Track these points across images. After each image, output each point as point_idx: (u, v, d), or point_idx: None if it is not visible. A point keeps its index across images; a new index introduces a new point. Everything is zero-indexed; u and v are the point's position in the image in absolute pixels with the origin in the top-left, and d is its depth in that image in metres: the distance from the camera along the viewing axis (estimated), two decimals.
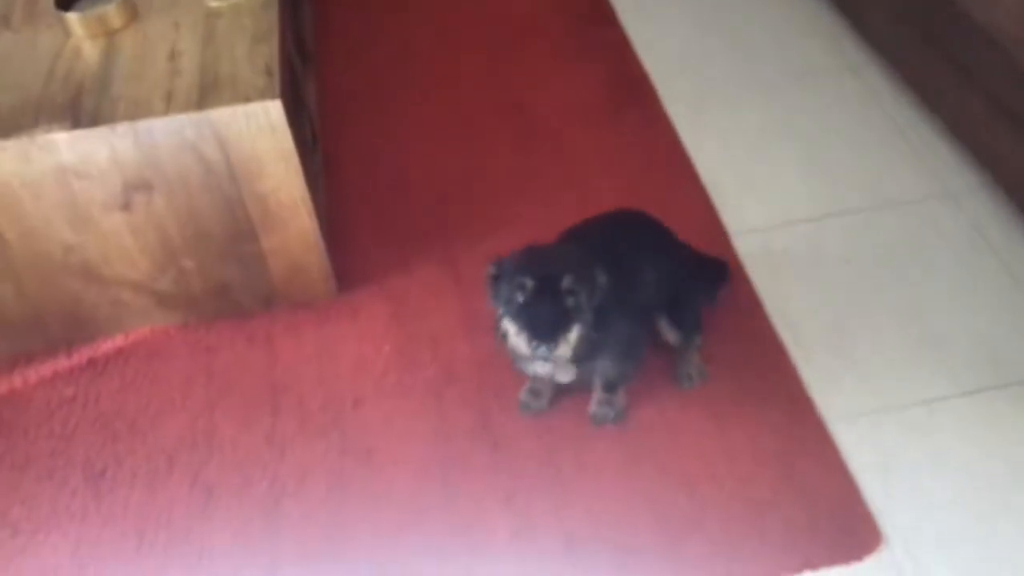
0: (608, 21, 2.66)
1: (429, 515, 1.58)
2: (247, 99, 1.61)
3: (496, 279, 1.47)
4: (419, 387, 1.78)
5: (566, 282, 1.40)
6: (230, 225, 1.74)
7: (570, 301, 1.41)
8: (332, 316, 1.90)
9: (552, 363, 1.48)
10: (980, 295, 1.88)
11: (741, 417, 1.70)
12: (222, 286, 1.84)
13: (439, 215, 2.13)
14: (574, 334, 1.43)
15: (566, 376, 1.57)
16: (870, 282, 1.93)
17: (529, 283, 1.41)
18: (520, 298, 1.42)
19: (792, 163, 2.20)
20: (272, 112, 1.62)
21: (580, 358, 1.49)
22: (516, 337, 1.44)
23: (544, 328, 1.40)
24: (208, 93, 1.63)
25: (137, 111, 1.60)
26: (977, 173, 2.11)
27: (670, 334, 1.72)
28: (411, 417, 1.73)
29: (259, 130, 1.63)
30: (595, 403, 1.69)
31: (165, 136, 1.60)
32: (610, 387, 1.66)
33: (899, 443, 1.65)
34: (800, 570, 1.48)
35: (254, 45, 1.73)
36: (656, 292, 1.67)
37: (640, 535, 1.54)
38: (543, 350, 1.39)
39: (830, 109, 2.34)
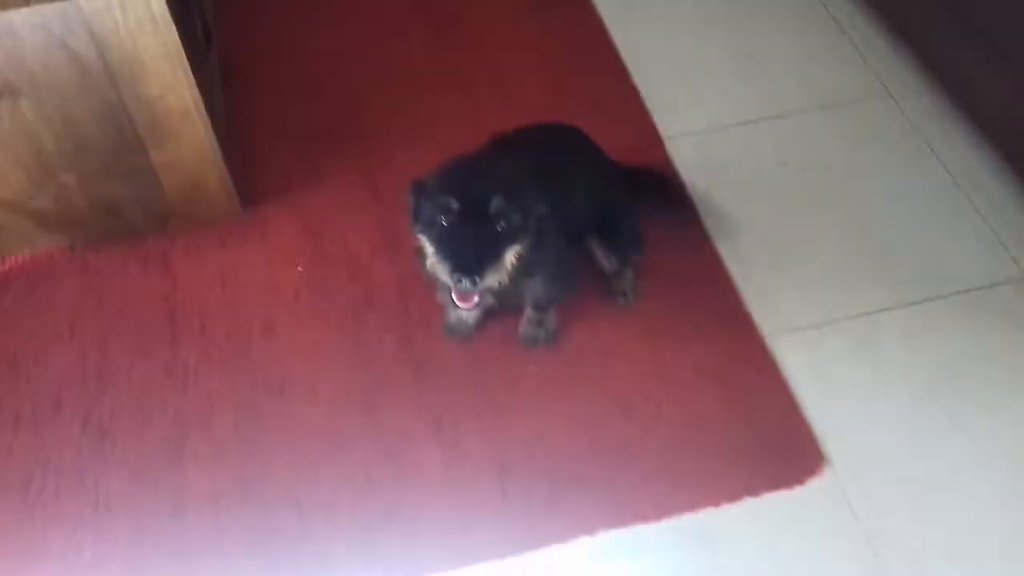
0: None
1: (350, 447, 1.47)
2: None
3: (417, 197, 1.32)
4: (336, 310, 1.64)
5: (496, 205, 1.25)
6: (113, 135, 1.54)
7: (501, 225, 1.27)
8: (236, 236, 1.73)
9: (476, 297, 1.33)
10: (921, 200, 1.82)
11: (678, 335, 1.62)
12: (110, 204, 1.65)
13: (353, 120, 1.95)
14: (506, 260, 1.30)
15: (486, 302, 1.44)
16: (809, 187, 1.84)
17: (454, 205, 1.26)
18: (444, 221, 1.27)
19: (728, 63, 2.08)
20: (152, 2, 1.41)
21: (510, 280, 1.37)
22: (438, 265, 1.29)
23: (469, 258, 1.25)
24: None
25: None
26: (919, 73, 2.03)
27: (604, 259, 1.61)
28: (328, 343, 1.59)
29: (138, 23, 1.42)
30: (525, 323, 1.58)
31: (28, 31, 1.39)
32: (540, 307, 1.55)
33: (841, 357, 1.59)
34: (740, 496, 1.43)
35: None
36: (588, 212, 1.55)
37: (576, 462, 1.45)
38: (466, 283, 1.25)
39: (768, 5, 2.21)
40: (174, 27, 1.44)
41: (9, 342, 1.58)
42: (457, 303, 1.33)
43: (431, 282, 1.39)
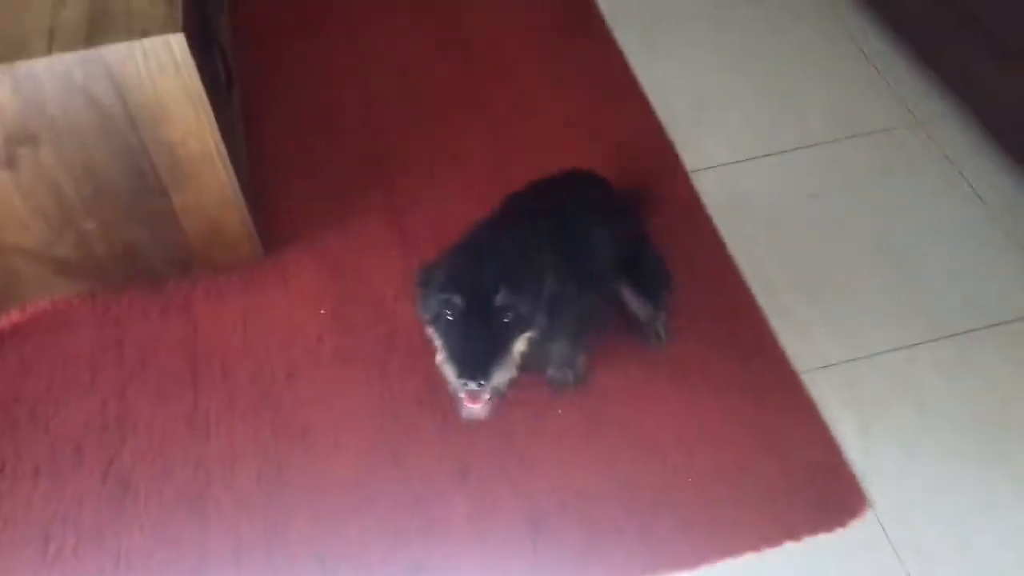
0: None
1: (376, 499, 1.42)
2: (144, 33, 1.38)
3: (424, 288, 1.28)
4: (360, 354, 1.60)
5: (501, 299, 1.20)
6: (135, 180, 1.53)
7: (507, 317, 1.22)
8: (258, 279, 1.70)
9: (486, 395, 1.26)
10: (954, 229, 1.77)
11: (709, 374, 1.57)
12: (130, 249, 1.63)
13: (376, 160, 1.93)
14: (515, 351, 1.25)
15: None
16: (839, 218, 1.80)
17: (458, 301, 1.21)
18: (449, 315, 1.22)
19: (751, 92, 2.05)
20: (174, 47, 1.40)
21: (529, 354, 1.32)
22: (445, 364, 1.24)
23: (475, 359, 1.19)
24: (98, 27, 1.40)
25: (14, 52, 1.37)
26: (945, 99, 1.99)
27: (638, 306, 1.56)
28: (352, 388, 1.56)
29: (160, 68, 1.41)
30: (554, 368, 1.54)
31: (50, 79, 1.38)
32: (566, 364, 1.51)
33: (879, 393, 1.54)
34: (781, 541, 1.37)
35: None
36: (612, 260, 1.50)
37: (608, 511, 1.41)
38: (472, 386, 1.20)
39: (788, 33, 2.18)
40: (196, 71, 1.43)
41: (29, 391, 1.56)
42: (465, 403, 1.27)
43: (444, 374, 1.32)
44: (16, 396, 1.55)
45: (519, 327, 1.24)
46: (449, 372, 1.23)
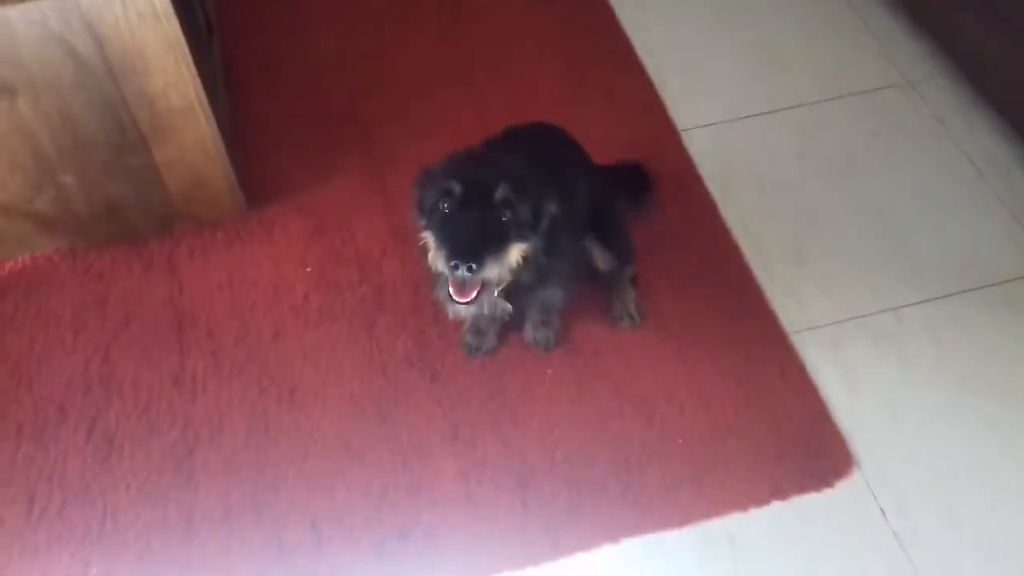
0: None
1: (364, 458, 1.42)
2: None
3: (423, 187, 1.24)
4: (346, 313, 1.59)
5: (501, 192, 1.18)
6: (114, 133, 1.48)
7: (506, 215, 1.19)
8: (243, 236, 1.68)
9: (474, 292, 1.22)
10: (942, 191, 1.77)
11: (699, 334, 1.57)
12: (112, 206, 1.59)
13: (359, 115, 1.89)
14: (510, 255, 1.22)
15: (494, 310, 1.34)
16: (829, 179, 1.79)
17: (456, 188, 1.18)
18: (445, 207, 1.18)
19: (742, 52, 2.02)
20: None
21: (531, 285, 1.31)
22: (437, 255, 1.19)
23: (467, 244, 1.15)
24: None
25: None
26: (937, 60, 1.97)
27: (601, 258, 1.53)
28: (339, 347, 1.54)
29: (139, 17, 1.36)
30: (532, 327, 1.53)
31: (24, 27, 1.33)
32: (547, 312, 1.49)
33: (867, 355, 1.55)
34: (768, 500, 1.39)
35: None
36: (586, 212, 1.48)
37: (597, 469, 1.41)
38: (462, 271, 1.15)
39: None
40: (176, 19, 1.38)
41: (10, 349, 1.53)
42: (453, 296, 1.23)
43: (432, 281, 1.32)
44: None
45: (516, 231, 1.20)
46: (440, 260, 1.18)
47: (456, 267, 1.15)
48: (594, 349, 1.55)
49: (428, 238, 1.23)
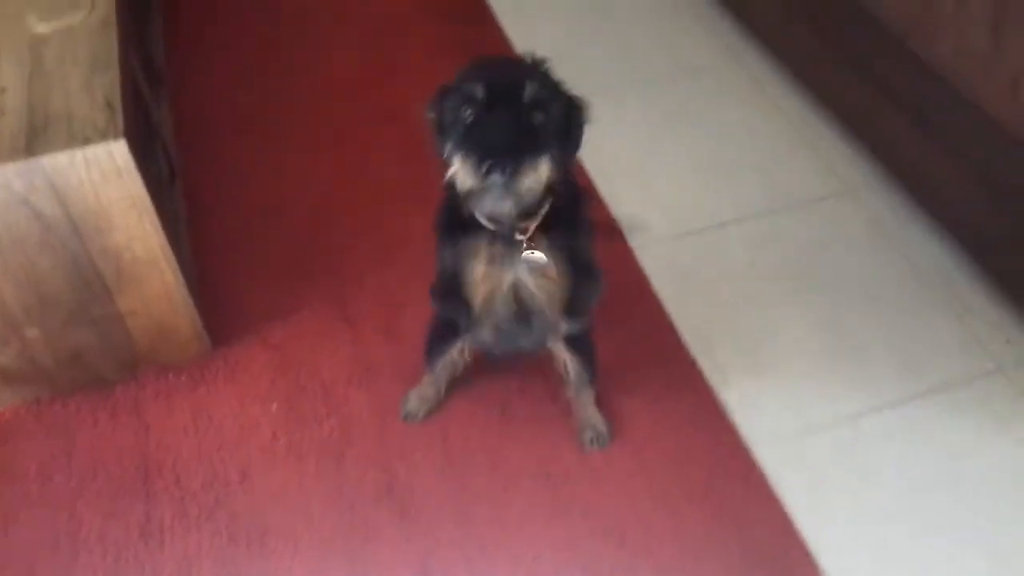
0: (482, 20, 2.51)
1: None
2: (85, 141, 1.38)
3: (441, 104, 1.11)
4: (314, 449, 1.60)
5: (531, 90, 1.04)
6: (79, 287, 1.51)
7: (537, 118, 1.05)
8: (208, 377, 1.69)
9: (510, 196, 1.05)
10: (888, 296, 1.84)
11: (663, 449, 1.60)
12: (76, 355, 1.61)
13: (321, 245, 1.94)
14: (542, 168, 1.05)
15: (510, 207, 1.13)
16: (779, 289, 1.86)
17: (479, 92, 1.04)
18: (469, 115, 1.05)
19: (686, 165, 2.11)
20: (116, 154, 1.39)
21: (553, 245, 1.19)
22: (463, 170, 1.04)
23: (498, 144, 1.01)
24: (38, 136, 1.39)
25: None
26: (873, 166, 2.07)
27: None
28: (307, 485, 1.55)
29: (102, 176, 1.40)
30: (581, 429, 1.57)
31: None
32: (578, 317, 1.37)
33: (828, 464, 1.58)
34: None
35: (91, 75, 1.50)
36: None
37: None
38: (497, 176, 1.00)
39: (719, 107, 2.26)
40: (139, 177, 1.42)
41: None
42: (487, 206, 1.08)
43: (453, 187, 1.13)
44: None
45: (549, 136, 1.05)
46: (468, 172, 1.04)
47: (490, 170, 1.01)
48: (562, 472, 1.57)
49: (451, 155, 1.08)
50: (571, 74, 1.23)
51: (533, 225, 1.18)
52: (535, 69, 1.11)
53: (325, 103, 2.26)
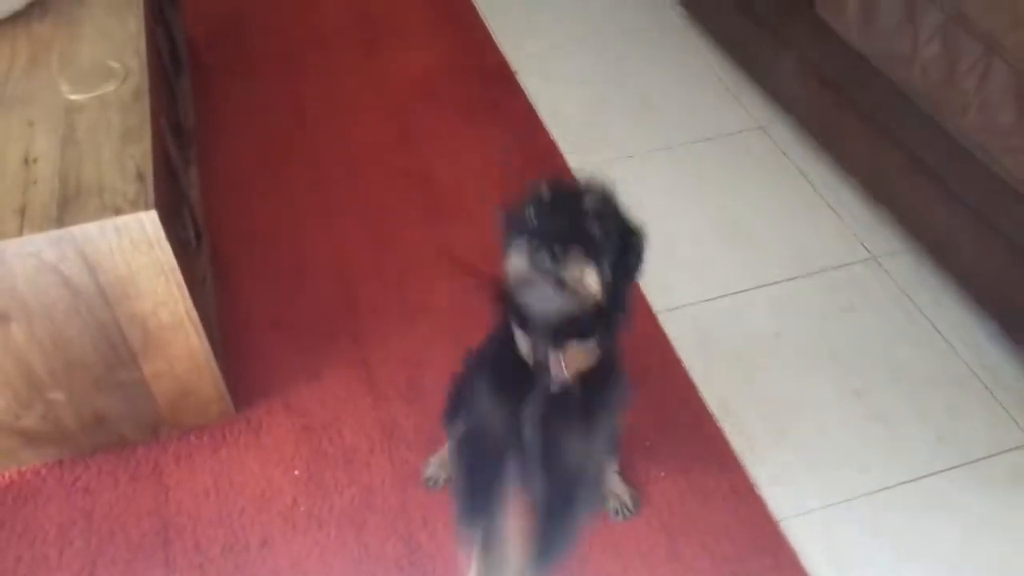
0: (509, 82, 2.54)
1: None
2: (117, 211, 1.39)
3: (511, 207, 1.16)
4: (335, 516, 1.58)
5: (590, 200, 1.10)
6: (105, 352, 1.52)
7: (594, 228, 1.09)
8: (230, 439, 1.69)
9: (558, 288, 1.06)
10: (917, 366, 1.81)
11: (689, 520, 1.57)
12: (99, 417, 1.61)
13: (346, 308, 1.94)
14: (591, 274, 1.08)
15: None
16: (805, 359, 1.84)
17: (545, 193, 1.10)
18: (532, 214, 1.10)
19: (710, 232, 2.11)
20: (147, 224, 1.41)
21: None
22: (515, 255, 1.08)
23: (552, 233, 1.05)
24: (70, 206, 1.41)
25: None
26: (899, 233, 2.06)
27: None
28: (328, 553, 1.53)
29: (132, 245, 1.42)
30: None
31: (19, 259, 1.38)
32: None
33: (857, 539, 1.55)
34: None
35: (123, 144, 1.51)
36: None
37: None
38: (547, 260, 1.03)
39: (743, 172, 2.26)
40: (168, 246, 1.44)
41: None
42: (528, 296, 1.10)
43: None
44: None
45: (604, 250, 1.10)
46: (518, 257, 1.07)
47: (539, 249, 1.04)
48: (587, 542, 1.54)
49: (508, 248, 1.11)
50: (595, 139, 1.24)
51: (575, 353, 1.18)
52: (600, 188, 1.16)
53: (351, 166, 2.29)
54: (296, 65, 2.62)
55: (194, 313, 1.54)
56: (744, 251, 2.06)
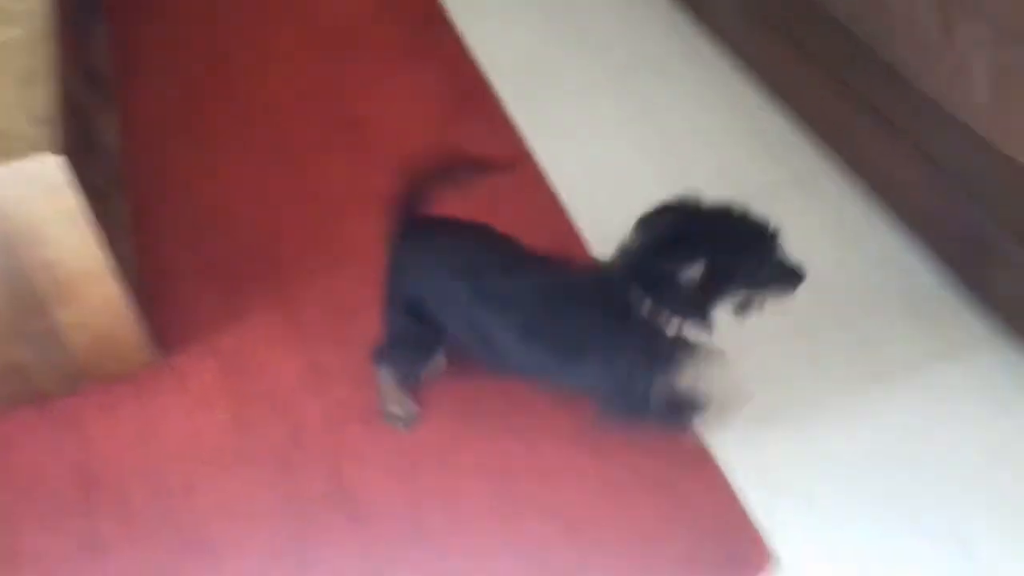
0: (440, 22, 2.49)
1: None
2: (21, 155, 1.35)
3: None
4: (261, 456, 1.57)
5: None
6: (15, 302, 1.48)
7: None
8: (153, 386, 1.66)
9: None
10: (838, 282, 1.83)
11: (618, 443, 1.58)
12: (13, 370, 1.57)
13: (270, 252, 1.92)
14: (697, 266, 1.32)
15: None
16: None
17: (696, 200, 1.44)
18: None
19: (651, 165, 2.09)
20: (51, 169, 1.36)
21: None
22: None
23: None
24: None
25: None
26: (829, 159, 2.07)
27: None
28: (255, 492, 1.53)
29: (36, 192, 1.37)
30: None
31: None
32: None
33: (782, 455, 1.57)
34: None
35: (25, 89, 1.46)
36: None
37: None
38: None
39: (681, 97, 2.24)
40: (78, 191, 1.39)
41: None
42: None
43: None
44: None
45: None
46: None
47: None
48: (517, 469, 1.55)
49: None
50: (531, 76, 1.21)
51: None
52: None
53: (275, 110, 2.24)
54: (220, 10, 2.55)
55: (109, 260, 1.51)
56: (681, 181, 2.04)
